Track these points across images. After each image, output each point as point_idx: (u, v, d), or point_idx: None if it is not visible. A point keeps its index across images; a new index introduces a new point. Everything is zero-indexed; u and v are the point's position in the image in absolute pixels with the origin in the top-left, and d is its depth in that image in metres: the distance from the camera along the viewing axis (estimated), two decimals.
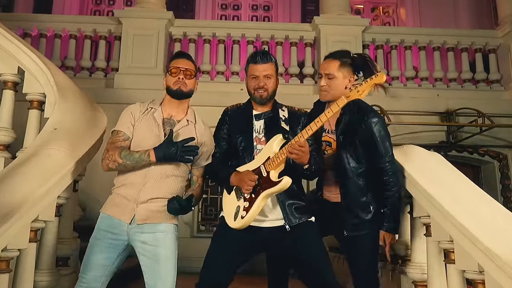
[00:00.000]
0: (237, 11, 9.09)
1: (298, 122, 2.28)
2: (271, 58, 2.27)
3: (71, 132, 2.65)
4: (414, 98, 5.89)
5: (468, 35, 6.33)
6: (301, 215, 2.17)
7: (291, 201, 2.16)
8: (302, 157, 2.00)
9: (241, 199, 2.10)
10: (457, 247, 2.09)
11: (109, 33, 6.04)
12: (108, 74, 5.91)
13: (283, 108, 2.33)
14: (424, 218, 2.44)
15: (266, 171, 2.05)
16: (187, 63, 2.23)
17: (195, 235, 5.50)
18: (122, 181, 2.14)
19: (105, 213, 2.14)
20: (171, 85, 2.20)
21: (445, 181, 2.34)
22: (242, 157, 2.22)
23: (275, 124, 2.24)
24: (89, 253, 2.08)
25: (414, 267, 2.58)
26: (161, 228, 2.09)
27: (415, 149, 2.67)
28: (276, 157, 2.03)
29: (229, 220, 2.12)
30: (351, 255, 2.40)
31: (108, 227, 2.09)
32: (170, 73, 2.21)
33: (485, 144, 5.76)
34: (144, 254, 2.07)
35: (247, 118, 2.29)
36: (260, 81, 2.23)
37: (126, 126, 2.18)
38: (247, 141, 2.24)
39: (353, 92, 1.99)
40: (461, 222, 1.98)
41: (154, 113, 2.22)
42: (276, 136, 2.11)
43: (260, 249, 2.25)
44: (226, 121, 2.34)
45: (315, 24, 6.11)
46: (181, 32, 6.08)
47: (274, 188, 2.01)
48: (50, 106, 2.91)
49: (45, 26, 5.98)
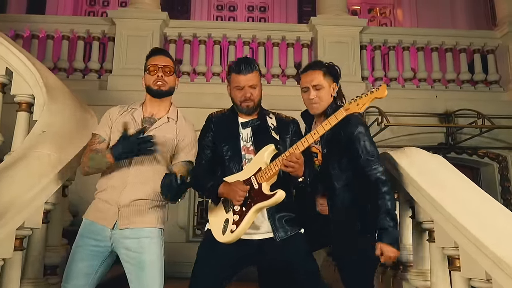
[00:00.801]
0: (233, 12, 9.02)
1: (287, 130, 2.20)
2: (255, 66, 2.16)
3: (60, 135, 2.55)
4: (413, 99, 5.82)
5: (467, 36, 6.28)
6: (291, 227, 2.08)
7: (281, 214, 2.07)
8: (297, 170, 1.91)
9: (230, 212, 1.99)
10: (462, 254, 2.00)
11: (103, 34, 5.94)
12: (101, 76, 5.81)
13: (271, 115, 2.25)
14: (427, 223, 2.35)
15: (257, 183, 1.95)
16: (165, 59, 2.15)
17: (190, 240, 5.39)
18: (103, 185, 2.07)
19: (87, 219, 2.05)
20: (150, 84, 2.12)
21: (449, 185, 2.25)
22: (229, 167, 2.10)
23: (264, 133, 2.15)
24: (71, 261, 1.99)
25: (416, 274, 2.50)
26: (145, 233, 2.00)
27: (417, 151, 2.59)
28: (269, 169, 1.95)
29: (217, 234, 2.01)
30: (342, 273, 2.27)
31: (90, 233, 2.00)
32: (148, 72, 2.13)
33: (485, 146, 5.70)
34: (128, 261, 1.98)
35: (233, 126, 2.18)
36: (246, 92, 2.12)
37: (103, 128, 2.13)
38: (234, 150, 2.12)
39: (352, 105, 1.92)
40: (468, 227, 1.90)
41: (134, 113, 2.15)
42: (268, 146, 2.01)
43: (249, 262, 2.14)
44: (211, 128, 2.22)
45: (312, 25, 6.04)
46: (176, 33, 5.99)
47: (267, 201, 1.92)
48: (39, 108, 2.81)
49: (37, 27, 5.87)
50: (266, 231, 2.06)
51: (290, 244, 2.04)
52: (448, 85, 6.10)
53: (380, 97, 1.90)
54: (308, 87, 2.25)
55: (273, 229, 2.04)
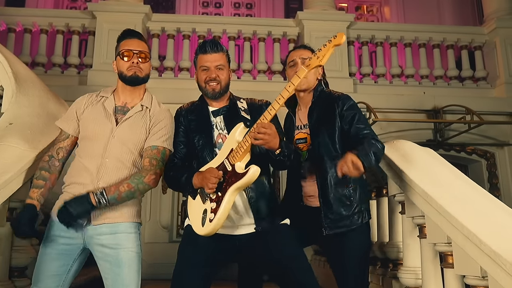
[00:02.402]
0: (219, 8, 8.87)
1: (259, 111, 2.02)
2: (221, 47, 2.04)
3: (28, 128, 2.39)
4: (400, 95, 5.75)
5: (454, 32, 6.23)
6: (276, 217, 1.96)
7: (262, 201, 1.93)
8: (270, 141, 1.76)
9: (207, 201, 1.84)
10: (456, 250, 1.89)
11: (83, 27, 5.74)
12: (81, 71, 5.61)
13: (241, 100, 2.12)
14: (418, 218, 2.25)
15: (230, 165, 1.81)
16: (140, 43, 1.99)
17: (174, 240, 5.22)
18: (72, 177, 1.90)
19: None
20: (124, 70, 1.95)
21: (441, 178, 2.15)
22: (203, 156, 1.97)
23: (235, 116, 2.01)
24: (40, 262, 1.83)
25: (407, 271, 2.39)
26: (121, 228, 1.85)
27: (407, 144, 2.49)
28: (240, 147, 1.79)
29: (197, 227, 1.86)
30: (334, 260, 2.16)
31: (59, 231, 1.83)
32: (121, 57, 1.95)
33: (473, 143, 5.65)
34: (103, 258, 1.83)
35: (204, 115, 2.05)
36: (211, 72, 2.00)
37: (68, 123, 1.99)
38: (205, 139, 1.99)
39: (312, 60, 1.75)
40: (462, 221, 1.78)
41: (105, 102, 1.99)
42: (238, 125, 1.87)
43: (232, 257, 2.00)
44: (181, 122, 2.07)
45: (299, 20, 5.93)
46: (159, 27, 5.82)
47: (242, 180, 1.75)
48: (7, 99, 2.65)
49: (14, 20, 5.64)
50: (248, 223, 1.92)
51: (271, 233, 1.91)
52: (435, 82, 6.04)
53: (338, 44, 1.75)
54: (296, 61, 2.19)
55: (254, 219, 1.91)
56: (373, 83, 5.97)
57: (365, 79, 5.97)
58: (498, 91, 5.95)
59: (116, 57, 1.99)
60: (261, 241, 1.89)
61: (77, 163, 1.91)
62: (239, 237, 1.92)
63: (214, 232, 1.79)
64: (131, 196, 1.83)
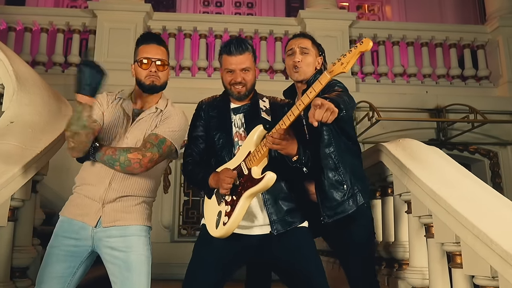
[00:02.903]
0: (220, 8, 8.84)
1: (281, 112, 1.98)
2: (247, 46, 1.95)
3: (29, 126, 2.36)
4: (403, 94, 5.71)
5: (456, 31, 6.19)
6: (292, 219, 1.90)
7: (279, 205, 1.88)
8: (287, 147, 1.73)
9: (222, 203, 1.82)
10: (465, 249, 1.86)
11: (83, 26, 5.71)
12: None
13: (264, 99, 2.07)
14: (424, 217, 2.22)
15: (247, 168, 1.77)
16: (159, 50, 1.93)
17: (175, 240, 5.19)
18: (84, 178, 1.86)
19: (64, 216, 1.84)
20: (142, 78, 1.90)
21: (449, 177, 2.12)
22: (221, 156, 1.93)
23: (255, 116, 1.97)
24: (46, 263, 1.78)
25: (413, 271, 2.36)
26: (132, 230, 1.82)
27: (414, 143, 2.46)
28: (257, 151, 1.76)
29: (211, 228, 1.84)
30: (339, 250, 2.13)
31: (67, 232, 1.80)
32: (139, 64, 1.91)
33: (476, 142, 5.62)
34: (113, 262, 1.79)
35: (225, 112, 2.00)
36: (236, 76, 1.94)
37: (95, 111, 1.85)
38: (225, 138, 1.94)
39: (336, 65, 1.64)
40: (471, 220, 1.75)
41: (123, 104, 1.95)
42: (257, 127, 1.82)
43: (247, 258, 1.97)
44: (201, 116, 2.03)
45: (301, 18, 5.89)
46: (160, 26, 5.79)
47: (257, 186, 1.72)
48: (8, 97, 2.61)
49: (14, 18, 5.60)
50: (265, 223, 1.88)
51: (290, 239, 1.86)
52: (438, 81, 6.01)
53: (365, 50, 1.65)
54: (294, 49, 2.14)
55: (270, 222, 1.86)
56: (376, 82, 5.94)
57: (367, 78, 5.94)
58: (501, 90, 5.91)
59: (135, 63, 1.94)
60: (277, 246, 1.86)
61: (89, 164, 1.87)
62: (256, 237, 1.88)
63: (227, 235, 1.76)
64: (111, 162, 1.77)
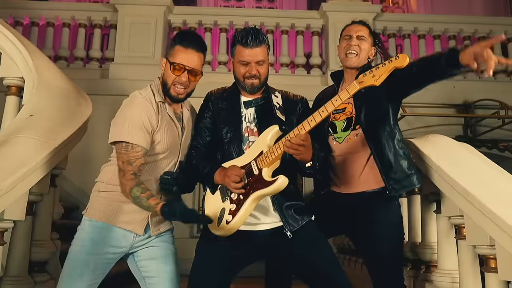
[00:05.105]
0: (241, 1, 8.77)
1: (294, 110, 1.93)
2: (264, 38, 1.87)
3: (48, 119, 2.34)
4: (429, 90, 5.46)
5: (486, 23, 5.94)
6: (302, 216, 1.83)
7: (288, 203, 1.81)
8: (303, 153, 1.65)
9: (226, 201, 1.74)
10: (501, 254, 1.74)
11: (105, 21, 5.70)
12: (103, 65, 5.58)
13: (277, 93, 1.98)
14: (455, 218, 2.10)
15: (258, 169, 1.69)
16: (196, 57, 1.80)
17: (195, 235, 5.16)
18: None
19: (104, 222, 1.73)
20: (169, 83, 1.80)
21: (482, 176, 2.00)
22: (229, 151, 1.85)
23: (268, 113, 1.89)
24: (81, 272, 1.68)
25: (442, 274, 2.25)
26: (165, 237, 1.86)
27: (443, 139, 2.34)
28: (271, 152, 1.67)
29: (212, 225, 1.76)
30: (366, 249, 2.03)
31: (109, 240, 1.73)
32: (171, 68, 1.78)
33: (505, 139, 5.40)
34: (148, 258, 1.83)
35: (235, 105, 1.92)
36: (251, 68, 1.85)
37: (143, 137, 1.72)
38: (234, 132, 1.86)
39: (367, 77, 1.61)
40: (510, 223, 1.63)
41: (167, 110, 1.84)
42: (272, 127, 1.74)
43: (256, 256, 1.90)
44: (209, 107, 1.95)
45: (323, 11, 5.76)
46: (180, 20, 5.74)
47: (267, 189, 1.65)
48: (28, 90, 2.60)
49: (37, 13, 5.65)
50: (273, 220, 1.81)
51: (303, 235, 1.80)
52: (466, 75, 5.79)
53: (400, 66, 1.58)
54: (351, 35, 2.09)
55: (283, 221, 1.79)
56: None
57: None
58: None
59: (167, 60, 1.83)
60: (292, 244, 1.78)
61: None
62: (264, 233, 1.81)
63: (228, 234, 1.70)
64: None
